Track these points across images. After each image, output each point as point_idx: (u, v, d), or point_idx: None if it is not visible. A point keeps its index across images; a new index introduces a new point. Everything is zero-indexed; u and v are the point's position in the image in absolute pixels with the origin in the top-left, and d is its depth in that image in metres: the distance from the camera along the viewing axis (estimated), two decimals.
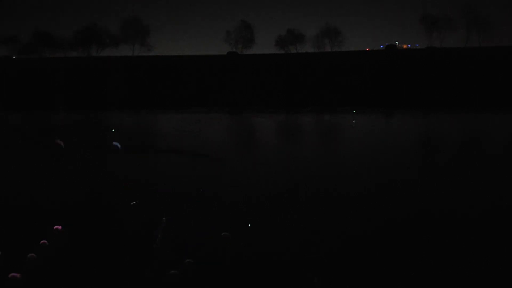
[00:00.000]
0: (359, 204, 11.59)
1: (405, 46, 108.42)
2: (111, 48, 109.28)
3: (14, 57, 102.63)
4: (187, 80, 61.60)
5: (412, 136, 24.49)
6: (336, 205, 11.47)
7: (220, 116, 36.95)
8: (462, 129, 27.86)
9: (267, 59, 78.39)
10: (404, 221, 10.24)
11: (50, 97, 52.98)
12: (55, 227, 9.56)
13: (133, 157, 17.09)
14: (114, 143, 8.68)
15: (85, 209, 11.22)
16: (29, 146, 20.81)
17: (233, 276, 7.61)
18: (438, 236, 9.32)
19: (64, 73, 66.19)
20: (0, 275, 7.50)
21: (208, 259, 8.13)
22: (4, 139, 24.30)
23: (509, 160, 17.16)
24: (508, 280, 7.45)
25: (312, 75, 59.87)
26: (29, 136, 25.52)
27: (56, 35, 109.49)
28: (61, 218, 10.10)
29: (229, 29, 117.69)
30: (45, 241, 8.83)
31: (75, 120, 35.55)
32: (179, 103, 46.50)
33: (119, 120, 34.62)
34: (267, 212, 10.96)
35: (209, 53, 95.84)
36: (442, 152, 19.62)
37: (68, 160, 14.64)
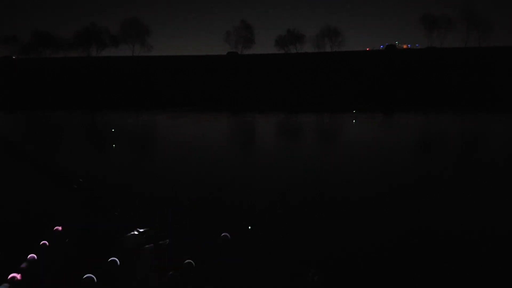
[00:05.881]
0: (360, 208, 11.57)
1: (405, 46, 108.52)
2: (111, 48, 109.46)
3: (14, 57, 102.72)
4: (187, 80, 61.58)
5: (412, 137, 24.48)
6: (335, 209, 11.46)
7: (220, 116, 36.99)
8: (462, 129, 27.86)
9: (267, 59, 78.40)
10: (404, 225, 10.24)
11: (50, 97, 52.97)
12: (55, 228, 9.56)
13: None
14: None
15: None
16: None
17: (232, 277, 7.62)
18: (441, 244, 9.32)
19: (64, 73, 66.15)
20: (0, 275, 7.50)
21: (207, 260, 8.14)
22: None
23: (509, 162, 17.16)
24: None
25: (312, 75, 59.85)
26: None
27: (56, 35, 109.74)
28: (61, 219, 10.10)
29: (229, 29, 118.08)
30: (45, 242, 8.83)
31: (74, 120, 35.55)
32: (179, 103, 46.48)
33: (121, 120, 34.64)
34: (267, 214, 10.96)
35: (209, 53, 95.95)
36: (443, 154, 19.60)
37: None
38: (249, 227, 9.70)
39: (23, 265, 7.87)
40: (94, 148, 22.61)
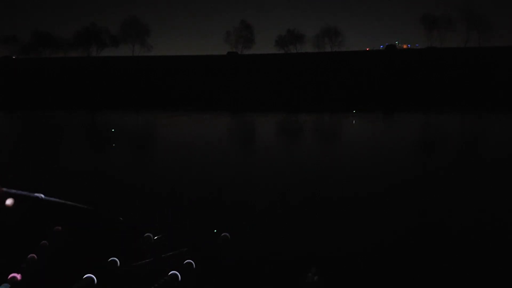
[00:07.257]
0: (360, 208, 11.57)
1: (405, 46, 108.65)
2: (111, 48, 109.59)
3: (14, 57, 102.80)
4: (187, 80, 61.58)
5: (412, 137, 24.48)
6: (335, 208, 11.46)
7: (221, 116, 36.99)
8: (463, 129, 27.86)
9: (267, 59, 78.43)
10: (404, 225, 10.23)
11: (50, 97, 52.96)
12: (55, 227, 9.55)
13: None
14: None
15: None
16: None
17: (232, 278, 7.62)
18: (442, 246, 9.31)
19: (64, 73, 66.15)
20: (0, 275, 7.50)
21: (207, 260, 8.14)
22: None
23: (510, 162, 17.15)
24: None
25: (312, 75, 59.86)
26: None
27: (56, 35, 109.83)
28: (61, 219, 10.09)
29: (229, 29, 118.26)
30: (45, 241, 8.82)
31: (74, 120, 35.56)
32: (179, 103, 46.49)
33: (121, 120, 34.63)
34: (267, 214, 10.96)
35: (209, 53, 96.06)
36: (444, 153, 19.60)
37: None
38: (215, 231, 9.32)
39: (23, 265, 7.87)
40: (94, 148, 22.59)
